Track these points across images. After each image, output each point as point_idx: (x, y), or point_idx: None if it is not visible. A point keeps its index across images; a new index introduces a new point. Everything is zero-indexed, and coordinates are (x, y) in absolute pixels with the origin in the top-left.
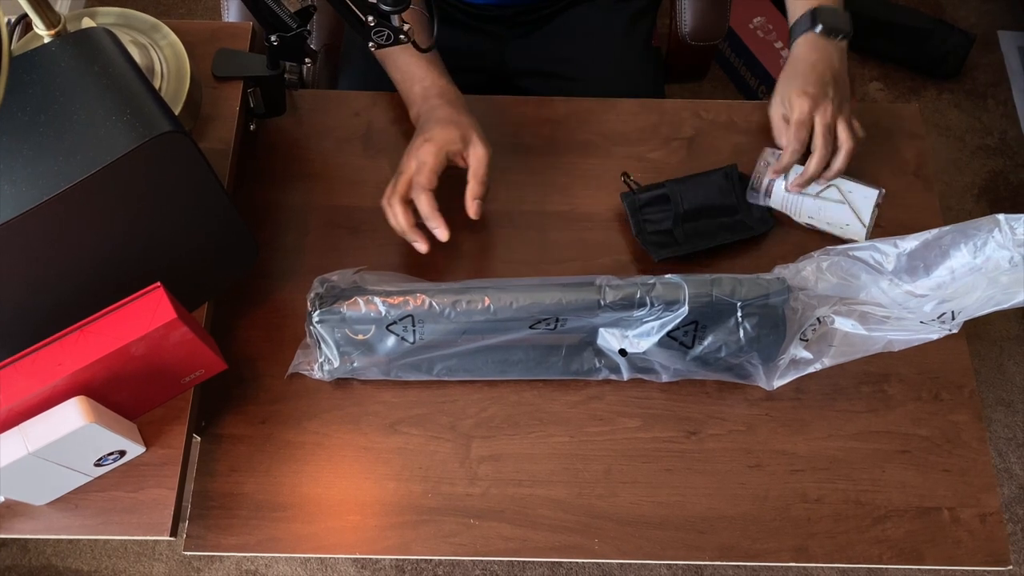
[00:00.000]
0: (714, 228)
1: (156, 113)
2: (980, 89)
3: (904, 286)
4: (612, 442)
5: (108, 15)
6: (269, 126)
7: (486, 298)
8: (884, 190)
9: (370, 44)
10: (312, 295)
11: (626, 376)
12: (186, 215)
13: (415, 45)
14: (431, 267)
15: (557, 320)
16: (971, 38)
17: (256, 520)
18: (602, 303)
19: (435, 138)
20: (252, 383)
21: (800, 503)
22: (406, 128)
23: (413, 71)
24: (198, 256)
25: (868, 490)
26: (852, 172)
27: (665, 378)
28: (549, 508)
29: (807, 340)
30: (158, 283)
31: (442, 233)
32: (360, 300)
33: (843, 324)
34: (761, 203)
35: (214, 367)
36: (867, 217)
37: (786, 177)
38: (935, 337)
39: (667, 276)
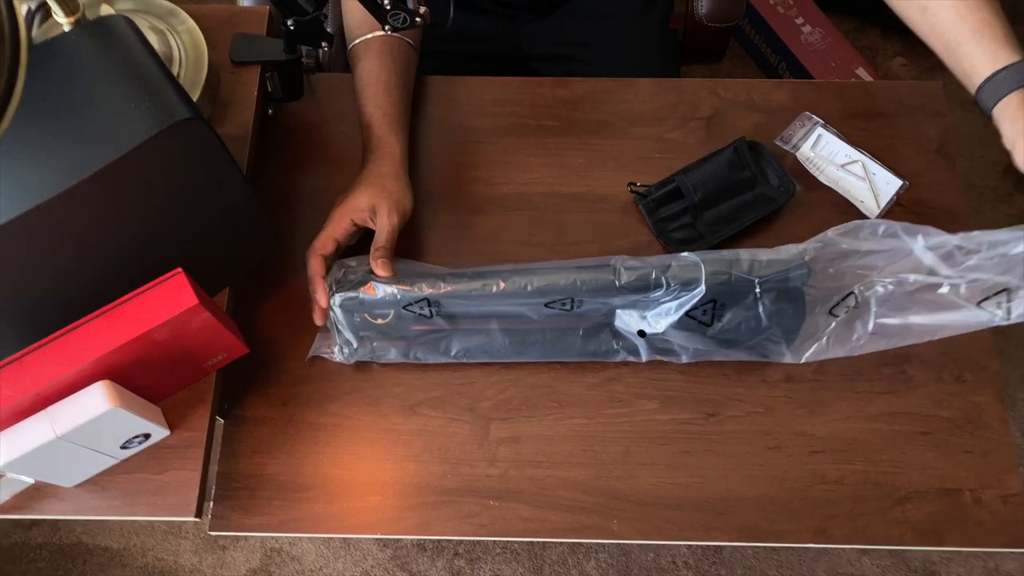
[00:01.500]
0: (735, 209)
1: (175, 100)
2: None
3: (954, 241)
4: (630, 424)
5: (126, 1)
6: (287, 111)
7: (501, 282)
8: (908, 184)
9: (386, 27)
10: (331, 280)
11: (645, 357)
12: (205, 201)
13: (432, 26)
14: (447, 251)
15: (573, 301)
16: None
17: (279, 500)
18: (618, 284)
19: (345, 202)
20: (274, 366)
21: (819, 484)
22: (422, 110)
23: (369, 111)
24: (218, 241)
25: (888, 471)
26: (878, 154)
27: (685, 359)
28: (568, 489)
29: (837, 317)
30: (179, 269)
31: (319, 301)
32: (377, 285)
33: (883, 305)
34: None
35: (236, 351)
36: (884, 200)
37: (817, 141)
38: (986, 322)
39: (683, 255)
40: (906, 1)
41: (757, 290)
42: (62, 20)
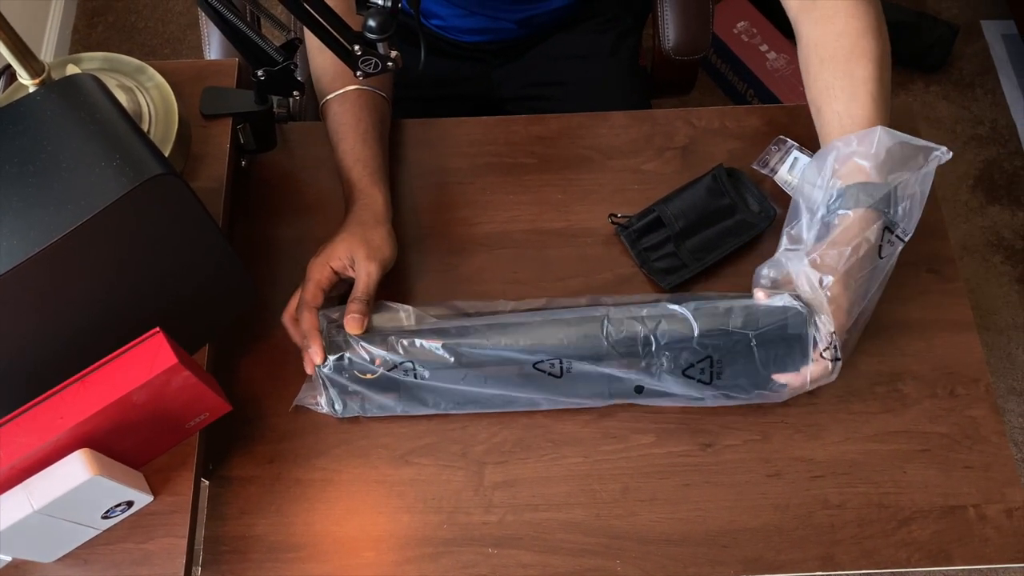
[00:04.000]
0: (716, 236)
1: (146, 156)
2: (967, 79)
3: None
4: (627, 460)
5: (93, 60)
6: (261, 161)
7: (485, 341)
8: None
9: (357, 73)
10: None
11: (645, 403)
12: (182, 257)
13: (404, 71)
14: (432, 294)
15: (561, 364)
16: (955, 29)
17: (270, 563)
18: (606, 343)
19: (324, 251)
20: (258, 422)
21: (822, 510)
22: (398, 153)
23: (348, 164)
24: (196, 297)
25: (891, 492)
26: None
27: (690, 403)
28: (567, 531)
29: (839, 360)
30: (157, 328)
31: (313, 357)
32: (362, 347)
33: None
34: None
35: (219, 409)
36: None
37: (794, 163)
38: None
39: (671, 306)
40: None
41: (753, 343)
42: (27, 82)
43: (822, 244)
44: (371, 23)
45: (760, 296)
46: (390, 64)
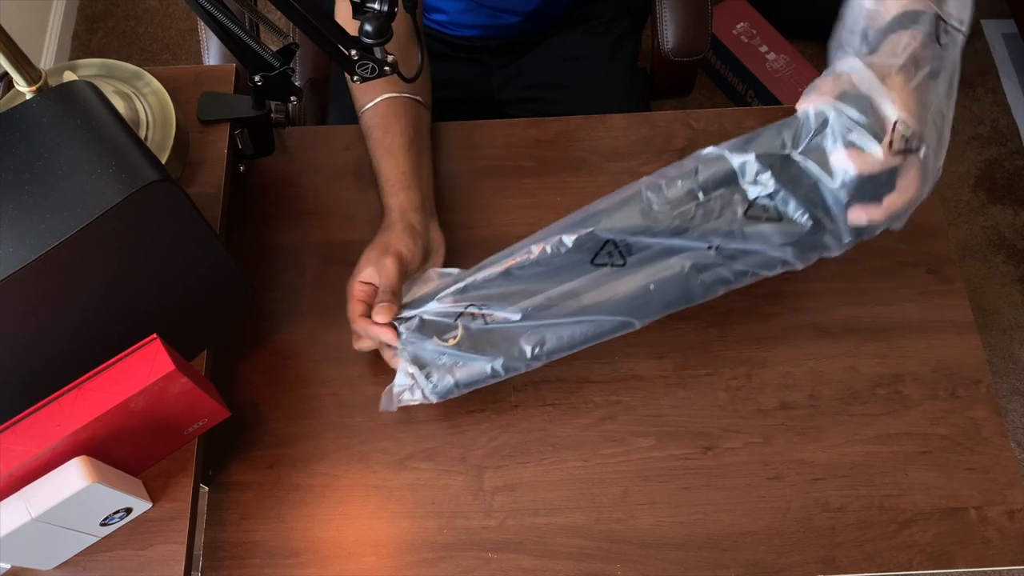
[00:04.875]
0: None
1: (142, 163)
2: (968, 79)
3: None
4: (627, 463)
5: (90, 67)
6: (259, 166)
7: (534, 248)
8: None
9: (355, 78)
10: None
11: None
12: (179, 263)
13: (400, 76)
14: None
15: (617, 245)
16: None
17: (269, 568)
18: (653, 208)
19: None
20: (257, 428)
21: (823, 513)
22: None
23: (378, 180)
24: (194, 303)
25: (892, 494)
26: None
27: (792, 256)
28: (567, 536)
29: (914, 151)
30: (154, 334)
31: (376, 318)
32: (429, 306)
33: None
34: None
35: (217, 415)
36: None
37: None
38: None
39: (703, 151)
40: None
41: (799, 159)
42: (24, 89)
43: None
44: (368, 28)
45: (806, 104)
46: (387, 68)
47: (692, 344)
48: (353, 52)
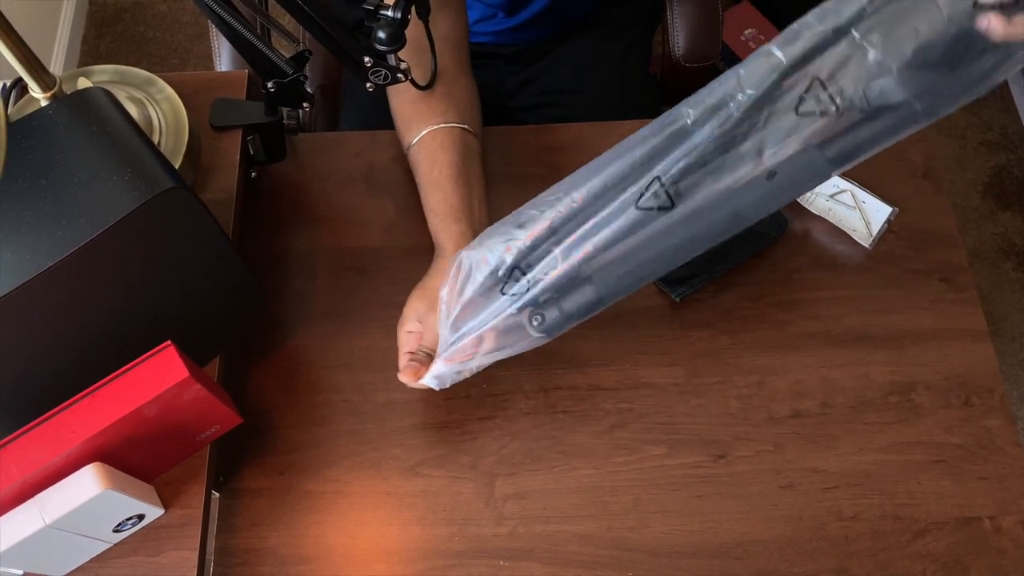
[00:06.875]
0: (728, 246)
1: (157, 170)
2: None
3: None
4: (639, 471)
5: (103, 73)
6: (270, 172)
7: (578, 195)
8: (897, 210)
9: (367, 84)
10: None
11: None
12: (192, 269)
13: (413, 83)
14: None
15: (662, 184)
16: None
17: (281, 575)
18: (690, 121)
19: (400, 318)
20: (269, 434)
21: (836, 522)
22: (407, 166)
23: (426, 215)
24: (207, 309)
25: (905, 503)
26: (865, 181)
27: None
28: (579, 544)
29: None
30: (168, 341)
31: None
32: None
33: None
34: None
35: (229, 422)
36: (876, 228)
37: None
38: None
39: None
40: None
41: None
42: (39, 95)
43: None
44: (381, 35)
45: None
46: (400, 76)
47: (703, 352)
48: (366, 59)
